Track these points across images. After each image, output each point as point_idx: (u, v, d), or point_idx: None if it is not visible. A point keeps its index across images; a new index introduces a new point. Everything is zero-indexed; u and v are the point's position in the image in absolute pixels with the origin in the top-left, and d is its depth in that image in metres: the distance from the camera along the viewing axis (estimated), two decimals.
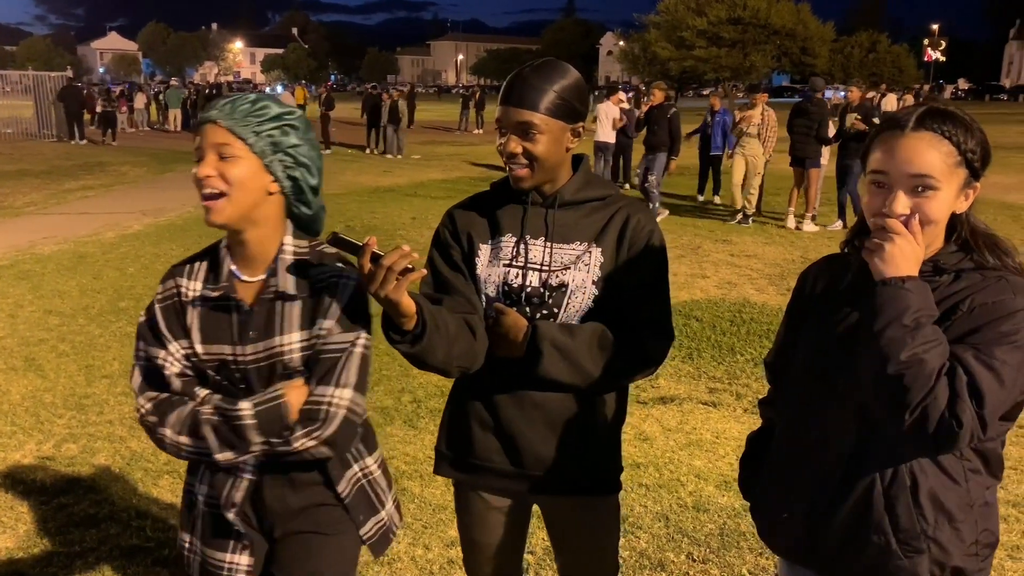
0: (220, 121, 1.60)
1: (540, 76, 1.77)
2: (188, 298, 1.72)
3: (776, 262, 8.54)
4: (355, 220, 10.94)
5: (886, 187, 1.46)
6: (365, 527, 1.86)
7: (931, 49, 66.93)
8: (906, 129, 1.45)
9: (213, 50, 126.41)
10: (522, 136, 1.77)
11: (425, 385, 5.09)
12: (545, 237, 1.84)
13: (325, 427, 1.65)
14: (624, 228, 1.84)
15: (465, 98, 30.55)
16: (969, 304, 1.43)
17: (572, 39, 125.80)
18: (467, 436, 1.94)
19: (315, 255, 1.73)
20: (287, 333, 1.69)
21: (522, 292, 1.84)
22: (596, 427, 1.93)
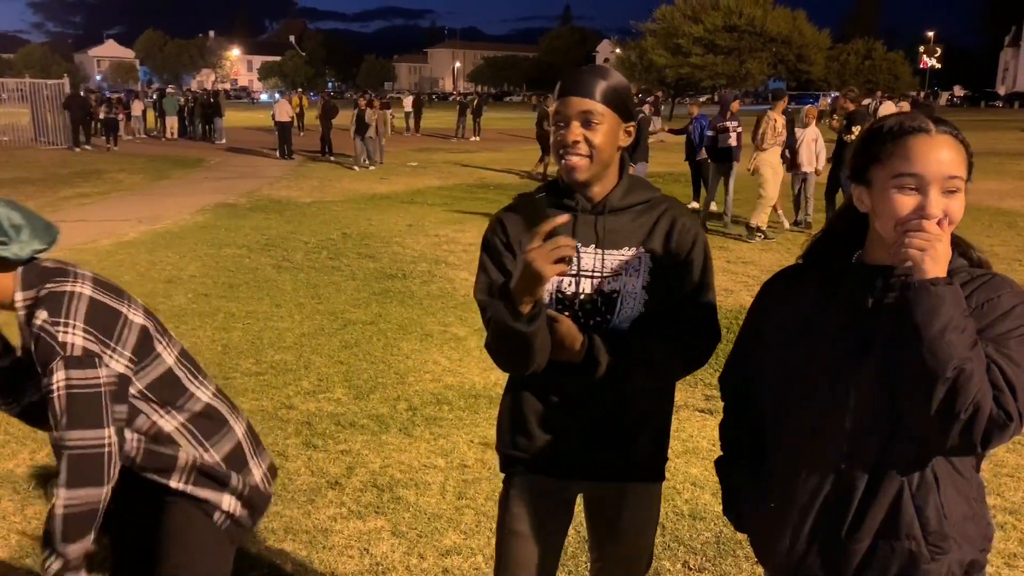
0: None
1: (596, 72, 1.85)
2: None
3: (773, 269, 8.49)
4: (351, 227, 10.93)
5: (917, 189, 1.45)
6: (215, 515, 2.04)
7: (926, 56, 67.21)
8: (932, 132, 1.46)
9: (210, 57, 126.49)
10: (584, 124, 1.81)
11: (421, 393, 5.07)
12: (596, 244, 1.88)
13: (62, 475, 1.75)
14: (671, 231, 1.90)
15: (462, 105, 30.56)
16: (975, 301, 1.46)
17: (569, 47, 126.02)
18: (526, 429, 1.99)
19: (39, 299, 1.80)
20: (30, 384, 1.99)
21: (575, 299, 1.88)
22: (647, 416, 1.99)
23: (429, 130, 32.86)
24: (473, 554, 3.33)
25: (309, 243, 9.84)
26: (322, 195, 14.31)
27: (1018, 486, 3.85)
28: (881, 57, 52.92)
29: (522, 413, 1.99)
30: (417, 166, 19.58)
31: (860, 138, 1.57)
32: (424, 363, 5.64)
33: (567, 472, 2.00)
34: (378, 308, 7.00)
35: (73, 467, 1.75)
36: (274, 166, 19.53)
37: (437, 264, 8.74)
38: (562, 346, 1.80)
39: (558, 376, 1.88)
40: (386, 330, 6.38)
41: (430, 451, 4.27)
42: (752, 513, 1.77)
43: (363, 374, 5.40)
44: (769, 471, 1.72)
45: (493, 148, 24.97)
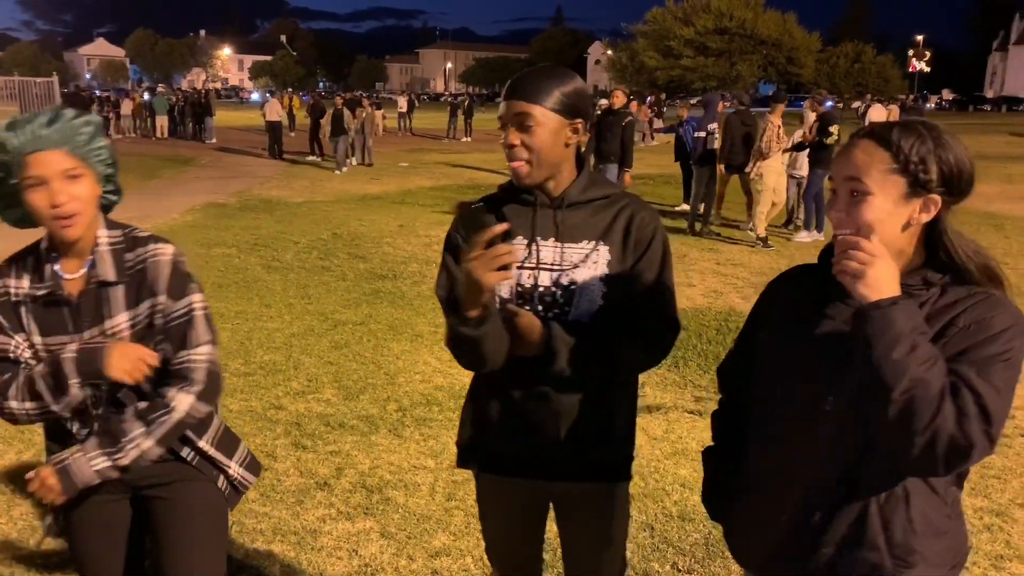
0: (65, 149, 1.79)
1: (538, 73, 1.86)
2: (18, 297, 1.87)
3: (762, 270, 8.57)
4: (342, 227, 10.91)
5: (835, 193, 1.51)
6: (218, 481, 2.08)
7: (916, 60, 67.49)
8: (856, 138, 1.51)
9: (201, 57, 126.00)
10: (519, 128, 1.83)
11: (411, 394, 5.07)
12: (555, 237, 1.90)
13: (194, 382, 1.89)
14: (629, 225, 1.91)
15: (453, 106, 30.53)
16: (964, 320, 1.44)
17: (561, 48, 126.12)
18: (490, 427, 2.01)
19: (128, 241, 1.92)
20: (114, 316, 1.87)
21: (534, 292, 1.89)
22: (610, 415, 2.00)
23: (420, 130, 32.85)
24: (462, 555, 3.33)
25: (299, 243, 9.81)
26: (312, 195, 14.27)
27: (1004, 488, 3.87)
28: (871, 60, 53.07)
29: (484, 412, 2.02)
30: (408, 167, 19.56)
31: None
32: (414, 364, 5.63)
33: (527, 471, 2.01)
34: (368, 309, 6.99)
35: (210, 380, 1.91)
36: (264, 166, 19.48)
37: (428, 265, 8.73)
38: (522, 340, 1.82)
39: (519, 374, 1.89)
40: (376, 331, 6.36)
41: (420, 452, 4.27)
42: (728, 507, 1.80)
43: (353, 375, 5.39)
44: (747, 469, 1.74)
45: (484, 149, 24.97)
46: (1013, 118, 51.25)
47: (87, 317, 1.87)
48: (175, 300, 1.89)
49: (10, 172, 1.79)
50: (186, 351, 1.89)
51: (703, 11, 48.90)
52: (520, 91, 1.82)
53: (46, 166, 1.77)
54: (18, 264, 1.91)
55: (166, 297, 1.89)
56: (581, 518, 2.09)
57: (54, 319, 1.87)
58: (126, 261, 1.89)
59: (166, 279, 1.89)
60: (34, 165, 1.76)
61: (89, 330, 1.87)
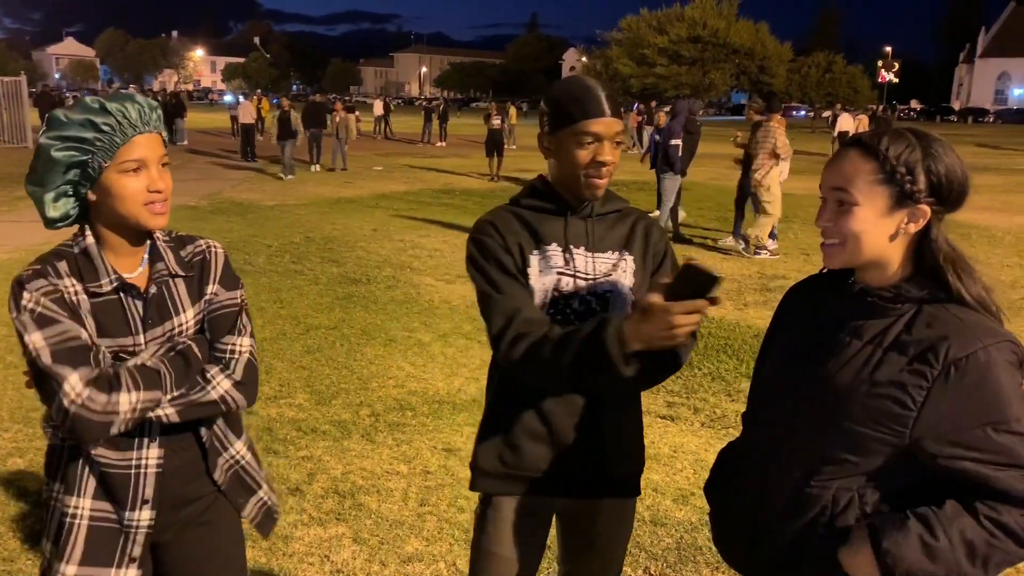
0: (160, 134, 1.71)
1: (613, 93, 1.90)
2: (74, 296, 1.67)
3: (734, 278, 8.65)
4: (315, 231, 10.85)
5: (823, 202, 1.52)
6: (246, 508, 1.94)
7: (885, 70, 68.51)
8: (844, 147, 1.52)
9: (173, 58, 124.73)
10: (615, 145, 1.86)
11: (384, 399, 5.05)
12: (586, 246, 1.92)
13: (236, 370, 1.79)
14: (648, 236, 1.99)
15: (428, 110, 30.50)
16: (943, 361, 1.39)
17: (536, 54, 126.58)
18: (515, 447, 1.96)
19: (176, 239, 1.85)
20: (184, 311, 1.79)
21: (572, 299, 1.90)
22: (632, 428, 2.03)
23: (394, 134, 32.74)
24: (435, 561, 3.32)
25: (272, 247, 9.74)
26: (285, 198, 14.18)
27: None
28: (841, 70, 53.90)
29: (510, 430, 1.97)
30: (382, 170, 19.50)
31: None
32: (387, 368, 5.61)
33: (552, 489, 1.98)
34: (341, 313, 6.95)
35: (249, 371, 1.82)
36: (236, 168, 19.31)
37: (402, 269, 8.71)
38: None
39: (540, 393, 1.89)
40: (349, 335, 6.33)
41: (392, 457, 4.25)
42: (715, 501, 1.81)
43: (325, 380, 5.36)
44: (735, 456, 1.76)
45: (459, 154, 24.97)
46: (978, 129, 52.21)
47: (155, 314, 1.75)
48: (227, 291, 1.85)
49: (102, 152, 1.63)
50: (232, 337, 1.82)
51: (677, 20, 49.36)
52: (616, 109, 1.85)
53: (150, 149, 1.66)
54: (54, 265, 1.69)
55: (219, 287, 1.84)
56: (593, 533, 2.07)
57: (115, 319, 1.71)
58: (183, 256, 1.83)
59: (221, 271, 1.85)
60: (138, 147, 1.64)
61: (153, 328, 1.74)
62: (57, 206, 1.68)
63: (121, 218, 1.68)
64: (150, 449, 1.75)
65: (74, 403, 1.58)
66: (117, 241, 1.73)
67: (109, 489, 1.73)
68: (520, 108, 33.10)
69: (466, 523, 3.59)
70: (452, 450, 4.34)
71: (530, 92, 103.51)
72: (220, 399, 1.76)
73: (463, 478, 4.01)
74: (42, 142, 1.63)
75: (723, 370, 5.66)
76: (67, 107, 1.66)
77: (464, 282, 8.16)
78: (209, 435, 1.85)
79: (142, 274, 1.77)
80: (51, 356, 1.60)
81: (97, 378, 1.61)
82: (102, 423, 1.60)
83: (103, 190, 1.66)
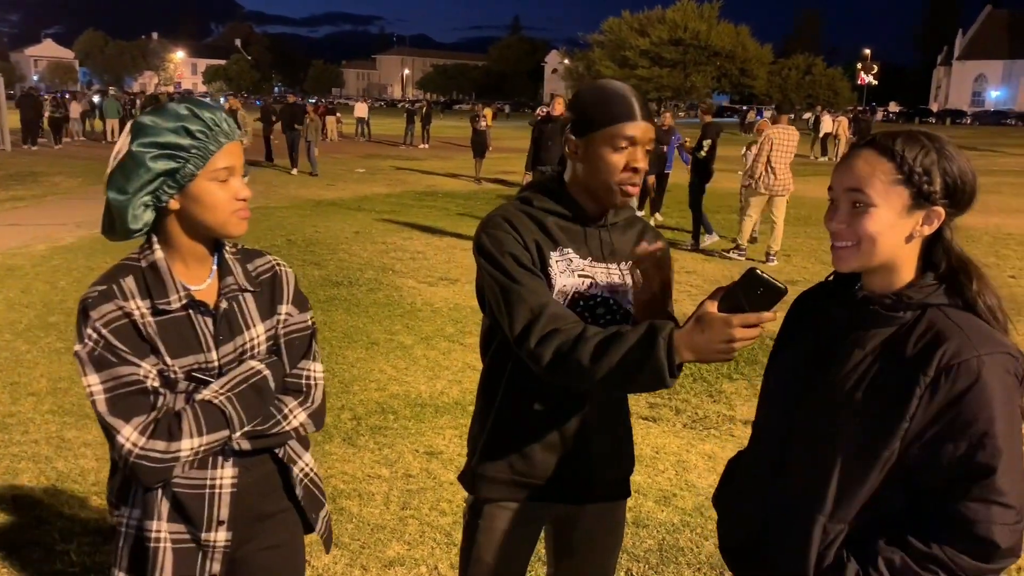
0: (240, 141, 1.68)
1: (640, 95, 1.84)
2: (141, 318, 1.61)
3: (715, 278, 8.68)
4: (296, 234, 10.80)
5: (834, 202, 1.47)
6: (318, 524, 1.91)
7: (864, 73, 69.13)
8: (857, 147, 1.47)
9: (153, 60, 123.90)
10: (646, 152, 1.81)
11: (365, 402, 5.03)
12: (602, 257, 1.88)
13: (313, 399, 1.78)
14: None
15: (410, 112, 30.45)
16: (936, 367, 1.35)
17: (518, 56, 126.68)
18: (526, 453, 1.92)
19: (241, 251, 1.80)
20: (254, 326, 1.73)
21: (594, 305, 1.86)
22: (625, 429, 2.04)
23: (377, 136, 32.68)
24: (417, 565, 3.31)
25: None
26: (267, 201, 14.09)
27: None
28: (821, 73, 54.33)
29: (521, 436, 1.92)
30: (365, 172, 19.44)
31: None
32: (369, 372, 5.59)
33: (552, 495, 1.95)
34: (323, 316, 6.92)
35: (323, 402, 1.80)
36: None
37: (384, 272, 8.69)
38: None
39: (549, 397, 1.87)
40: (331, 338, 6.31)
41: (374, 461, 4.23)
42: (722, 512, 1.77)
43: None
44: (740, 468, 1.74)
45: (442, 156, 24.94)
46: (957, 130, 52.71)
47: (225, 330, 1.68)
48: (300, 312, 1.81)
49: (196, 160, 1.58)
50: (307, 362, 1.79)
51: (658, 22, 49.61)
52: (650, 114, 1.80)
53: (236, 156, 1.64)
54: (119, 282, 1.62)
55: (292, 307, 1.80)
56: (588, 538, 2.06)
57: (185, 337, 1.64)
58: (251, 270, 1.77)
59: (292, 290, 1.81)
60: (228, 155, 1.62)
61: (224, 345, 1.68)
62: (139, 216, 1.61)
63: (205, 227, 1.64)
64: (224, 468, 1.69)
65: (131, 452, 1.55)
66: (189, 252, 1.67)
67: (183, 510, 1.67)
68: (502, 110, 33.09)
69: (448, 527, 3.58)
70: (434, 453, 4.33)
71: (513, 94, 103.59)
72: (294, 430, 1.75)
73: (445, 481, 4.00)
74: (135, 150, 1.57)
75: (704, 371, 5.68)
76: (152, 113, 1.60)
77: (447, 285, 8.15)
78: (284, 449, 1.80)
79: (210, 287, 1.71)
80: (106, 404, 1.56)
81: (156, 425, 1.57)
82: (163, 468, 1.58)
83: (191, 198, 1.61)
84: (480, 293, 1.91)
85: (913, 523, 1.40)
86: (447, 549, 3.41)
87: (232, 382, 1.66)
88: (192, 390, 1.65)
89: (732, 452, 4.31)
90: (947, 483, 1.36)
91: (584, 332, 1.64)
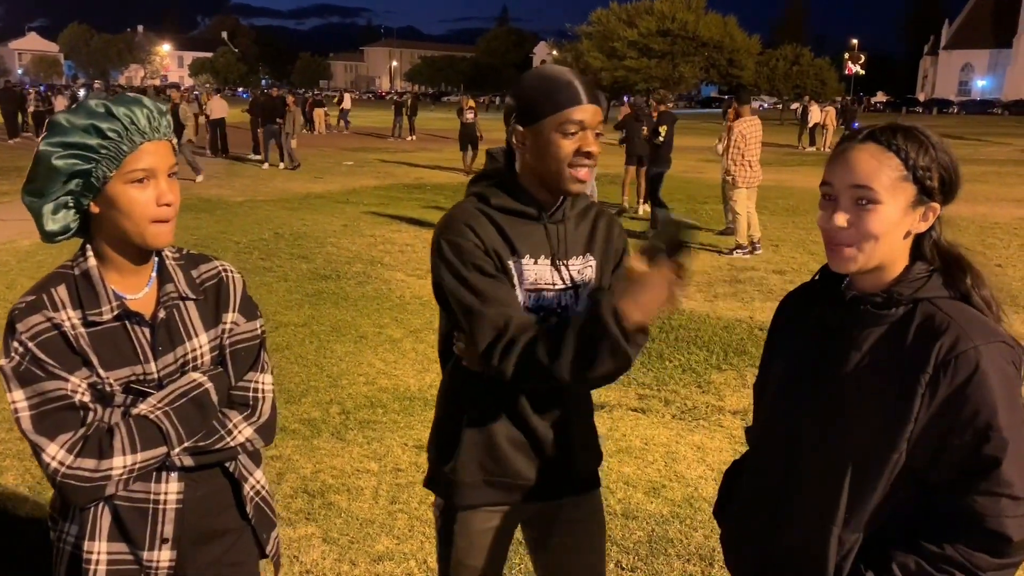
0: (170, 141, 1.56)
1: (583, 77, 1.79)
2: (72, 329, 1.52)
3: (703, 270, 8.68)
4: (284, 227, 10.74)
5: (832, 199, 1.41)
6: (268, 545, 1.82)
7: (851, 63, 69.27)
8: (855, 141, 1.42)
9: (139, 53, 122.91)
10: (596, 136, 1.76)
11: (354, 396, 5.01)
12: (557, 255, 1.84)
13: (261, 413, 1.69)
14: (608, 233, 1.92)
15: (398, 104, 30.32)
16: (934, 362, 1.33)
17: (506, 48, 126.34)
18: (495, 455, 1.88)
19: (186, 257, 1.71)
20: (196, 336, 1.64)
21: (551, 315, 1.82)
22: (589, 420, 2.03)
23: (365, 129, 32.55)
24: (406, 559, 3.29)
25: (240, 243, 9.63)
26: (254, 194, 14.02)
27: None
28: (808, 63, 54.26)
29: (489, 437, 1.88)
30: (353, 165, 19.37)
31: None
32: (358, 365, 5.57)
33: (527, 494, 1.92)
34: (311, 310, 6.88)
35: (272, 415, 1.72)
36: (205, 164, 19.05)
37: (372, 265, 8.65)
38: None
39: (514, 398, 1.84)
40: (319, 332, 6.28)
41: (363, 455, 4.22)
42: (727, 526, 1.74)
43: (295, 378, 5.31)
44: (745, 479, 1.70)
45: (430, 148, 24.86)
46: (943, 120, 53.00)
47: (165, 341, 1.59)
48: (247, 320, 1.71)
49: (107, 161, 1.48)
50: (254, 374, 1.70)
51: (646, 13, 49.46)
52: (598, 97, 1.75)
53: (160, 158, 1.51)
54: (50, 291, 1.55)
55: (239, 315, 1.70)
56: (580, 530, 2.04)
57: (120, 348, 1.55)
58: (195, 277, 1.67)
59: (240, 297, 1.71)
60: (147, 155, 1.49)
61: (164, 356, 1.59)
62: (56, 219, 1.52)
63: (124, 233, 1.53)
64: (169, 483, 1.60)
65: (58, 472, 1.47)
66: (121, 259, 1.57)
67: (124, 528, 1.58)
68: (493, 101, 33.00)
69: None
70: (423, 447, 4.31)
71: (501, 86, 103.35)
72: (240, 445, 1.66)
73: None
74: (42, 149, 1.48)
75: (693, 362, 5.68)
76: (69, 111, 1.51)
77: None
78: (236, 464, 1.71)
79: (148, 295, 1.61)
80: (31, 421, 1.49)
81: (85, 442, 1.49)
82: (93, 488, 1.49)
83: (107, 202, 1.51)
84: (439, 293, 1.82)
85: (925, 524, 1.37)
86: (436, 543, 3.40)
87: (170, 396, 1.58)
88: (130, 403, 1.57)
89: (721, 443, 4.35)
90: (954, 479, 1.34)
91: (537, 334, 1.65)
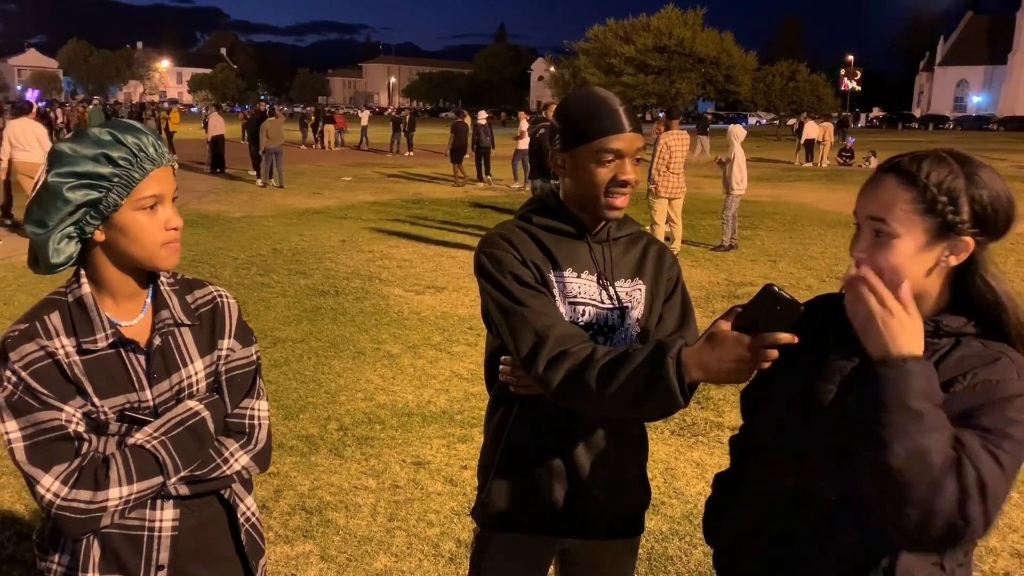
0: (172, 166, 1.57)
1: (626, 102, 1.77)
2: (66, 357, 1.51)
3: (702, 285, 8.69)
4: (282, 243, 10.74)
5: (858, 229, 1.41)
6: (257, 573, 1.79)
7: (847, 79, 69.73)
8: (881, 171, 1.39)
9: (138, 69, 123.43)
10: (636, 162, 1.75)
11: (352, 412, 4.99)
12: (602, 273, 1.82)
13: (257, 440, 1.68)
14: (659, 262, 1.89)
15: (396, 120, 30.44)
16: (971, 379, 1.32)
17: (504, 64, 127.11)
18: (535, 485, 1.85)
19: (181, 283, 1.69)
20: (192, 363, 1.62)
21: (596, 326, 1.80)
22: (642, 462, 1.96)
23: (344, 144, 32.55)
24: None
25: (238, 259, 9.63)
26: (252, 210, 14.03)
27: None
28: (805, 79, 54.53)
29: (530, 467, 1.85)
30: (351, 181, 19.40)
31: None
32: (356, 381, 5.55)
33: (564, 529, 1.88)
34: (309, 326, 6.88)
35: (269, 442, 1.72)
36: (203, 180, 19.09)
37: (371, 280, 8.65)
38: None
39: (560, 427, 1.81)
40: (317, 348, 6.27)
41: (361, 472, 4.20)
42: (717, 530, 1.72)
43: (292, 394, 5.29)
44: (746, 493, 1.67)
45: (428, 164, 24.93)
46: (939, 136, 53.19)
47: (160, 368, 1.58)
48: (243, 347, 1.70)
49: (119, 189, 1.47)
50: (250, 401, 1.69)
51: (643, 29, 49.83)
52: (638, 124, 1.73)
53: (166, 183, 1.52)
54: (43, 319, 1.53)
55: (235, 342, 1.69)
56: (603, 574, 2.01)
57: (115, 376, 1.54)
58: (189, 303, 1.66)
59: (235, 323, 1.70)
60: (156, 182, 1.50)
61: (159, 383, 1.58)
62: (61, 249, 1.51)
63: (133, 259, 1.53)
64: (164, 510, 1.58)
65: (52, 503, 1.45)
66: (119, 285, 1.57)
67: (118, 557, 1.55)
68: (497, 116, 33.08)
69: (435, 538, 3.55)
70: (421, 463, 4.30)
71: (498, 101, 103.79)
72: (236, 474, 1.65)
73: (432, 492, 3.97)
74: (51, 180, 1.45)
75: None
76: (70, 139, 1.48)
77: (434, 293, 8.12)
78: (230, 491, 1.71)
79: (143, 322, 1.60)
80: (25, 452, 1.46)
81: (80, 473, 1.47)
82: (88, 519, 1.47)
83: (116, 229, 1.50)
84: (486, 315, 1.82)
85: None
86: (435, 561, 3.38)
87: (167, 425, 1.56)
88: (126, 432, 1.55)
89: (721, 459, 4.33)
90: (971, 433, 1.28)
91: (593, 354, 1.57)
